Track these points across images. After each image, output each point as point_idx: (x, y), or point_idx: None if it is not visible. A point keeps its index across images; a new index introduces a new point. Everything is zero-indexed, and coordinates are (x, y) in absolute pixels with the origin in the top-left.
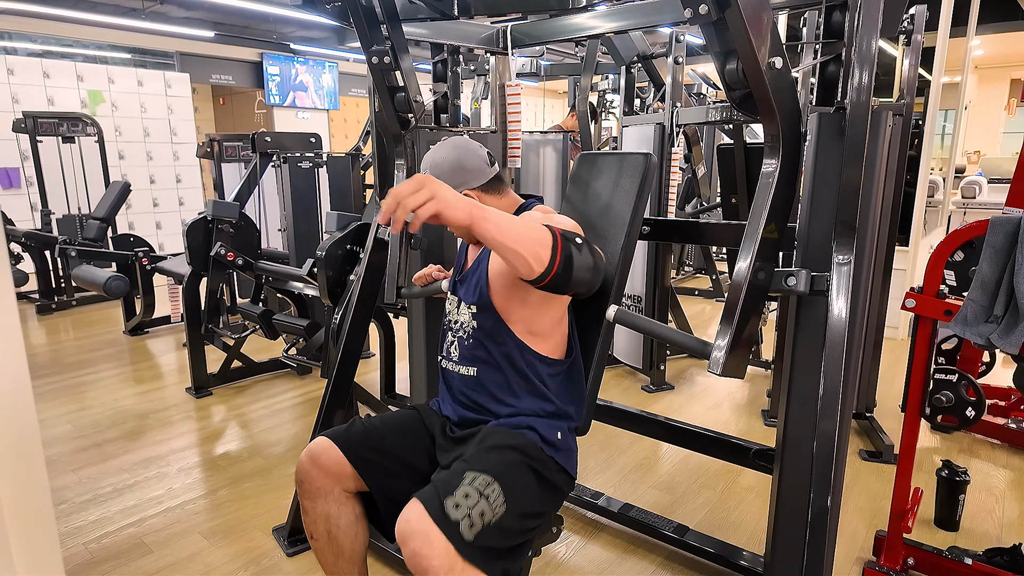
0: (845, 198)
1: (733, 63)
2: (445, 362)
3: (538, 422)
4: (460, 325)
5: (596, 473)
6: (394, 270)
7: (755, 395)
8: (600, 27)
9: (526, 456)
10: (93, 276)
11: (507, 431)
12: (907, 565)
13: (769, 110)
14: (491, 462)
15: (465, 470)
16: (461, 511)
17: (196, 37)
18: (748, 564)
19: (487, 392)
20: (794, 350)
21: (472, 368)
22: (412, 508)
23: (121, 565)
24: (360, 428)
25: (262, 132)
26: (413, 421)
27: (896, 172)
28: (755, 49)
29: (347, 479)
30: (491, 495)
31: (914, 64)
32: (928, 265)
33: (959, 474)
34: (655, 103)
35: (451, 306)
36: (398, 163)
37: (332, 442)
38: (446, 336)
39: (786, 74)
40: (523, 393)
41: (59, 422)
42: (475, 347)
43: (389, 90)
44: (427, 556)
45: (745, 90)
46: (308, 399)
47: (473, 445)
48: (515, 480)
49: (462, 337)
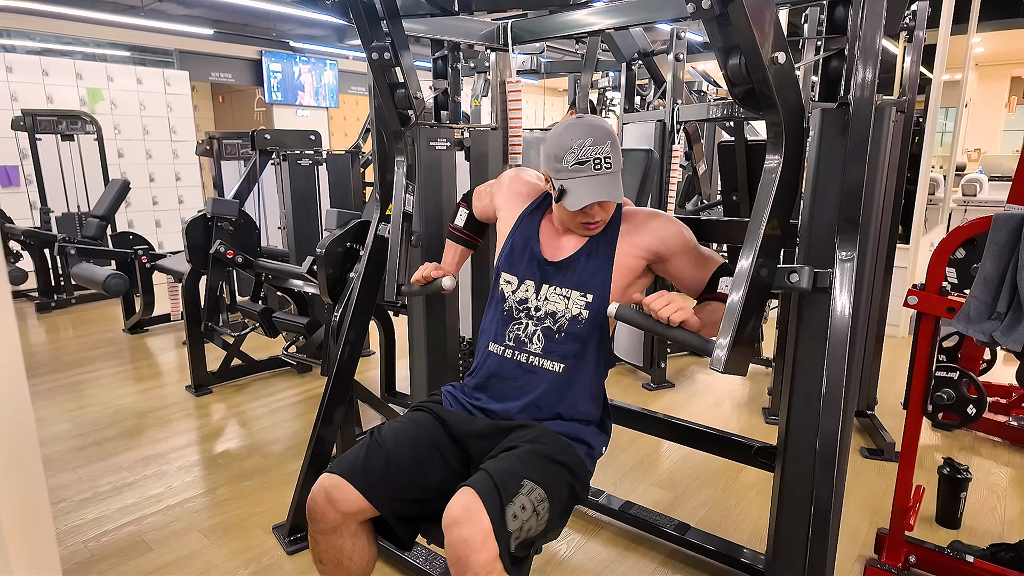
0: (848, 194)
1: (736, 59)
2: (514, 352)
3: (589, 432)
4: (550, 315)
5: (597, 471)
6: (394, 268)
7: (756, 393)
8: (600, 23)
9: (573, 476)
10: (92, 274)
11: (561, 440)
12: (909, 563)
13: (772, 105)
14: (545, 475)
15: (523, 475)
16: (517, 523)
17: (195, 35)
18: (749, 562)
19: (564, 392)
20: (796, 347)
21: (560, 364)
22: (470, 499)
23: (120, 563)
24: (379, 464)
25: (261, 130)
26: (430, 431)
27: (897, 169)
28: (758, 44)
29: (363, 513)
30: (541, 512)
31: (915, 61)
32: (930, 262)
33: (961, 471)
34: (656, 100)
35: (526, 291)
36: (398, 160)
37: (349, 483)
38: (516, 323)
39: (789, 69)
40: (590, 398)
41: (59, 420)
42: (568, 341)
43: (389, 87)
44: (477, 551)
45: (748, 86)
46: (308, 397)
47: (524, 441)
48: (558, 502)
49: (551, 328)
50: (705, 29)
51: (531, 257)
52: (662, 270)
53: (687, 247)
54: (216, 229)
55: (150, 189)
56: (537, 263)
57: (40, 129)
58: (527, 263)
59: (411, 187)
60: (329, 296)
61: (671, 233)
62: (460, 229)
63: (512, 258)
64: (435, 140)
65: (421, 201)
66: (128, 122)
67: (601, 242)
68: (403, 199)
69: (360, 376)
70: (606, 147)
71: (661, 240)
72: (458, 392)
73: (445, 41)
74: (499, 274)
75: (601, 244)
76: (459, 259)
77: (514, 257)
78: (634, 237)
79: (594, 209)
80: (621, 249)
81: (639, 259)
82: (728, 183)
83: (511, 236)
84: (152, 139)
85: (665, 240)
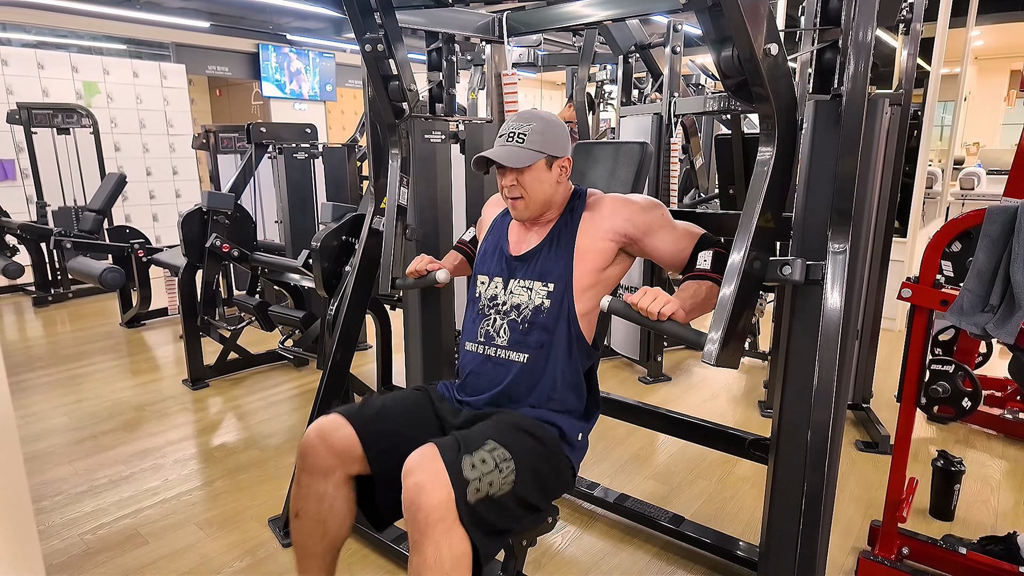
0: (841, 186)
1: (728, 50)
2: (483, 347)
3: (564, 420)
4: (515, 307)
5: (592, 463)
6: (388, 261)
7: (752, 386)
8: (597, 15)
9: (544, 447)
10: (88, 268)
11: (531, 420)
12: (902, 554)
13: (764, 97)
14: (512, 440)
15: (488, 436)
16: (475, 472)
17: (192, 28)
18: (743, 554)
19: (531, 382)
20: (789, 339)
21: (524, 354)
22: (428, 449)
23: (116, 556)
24: (374, 408)
25: (257, 123)
26: (423, 402)
27: (894, 163)
28: (751, 36)
29: (353, 461)
30: (504, 470)
31: (913, 54)
32: (924, 255)
33: (954, 464)
34: (653, 93)
35: (495, 288)
36: (392, 152)
37: (346, 420)
38: (486, 319)
39: (782, 61)
40: (565, 387)
41: (55, 414)
42: (533, 331)
43: (383, 79)
44: (429, 493)
45: (740, 78)
46: (304, 391)
47: (494, 419)
48: (528, 466)
49: (515, 320)
50: (698, 20)
51: (500, 255)
52: (639, 251)
53: (659, 224)
54: (212, 223)
55: (147, 183)
56: (505, 260)
57: (36, 123)
58: (496, 261)
59: (405, 180)
60: (324, 290)
61: (637, 212)
62: (465, 243)
63: (484, 259)
64: (430, 133)
65: (415, 194)
66: (124, 116)
67: (563, 231)
68: (397, 192)
69: (356, 370)
70: (527, 125)
71: (629, 221)
72: (450, 388)
73: (440, 33)
74: (475, 276)
75: (563, 233)
76: (458, 265)
77: (486, 258)
78: (599, 221)
79: (506, 179)
80: (584, 234)
81: (607, 241)
82: (725, 176)
83: (484, 240)
84: (149, 133)
85: (633, 221)
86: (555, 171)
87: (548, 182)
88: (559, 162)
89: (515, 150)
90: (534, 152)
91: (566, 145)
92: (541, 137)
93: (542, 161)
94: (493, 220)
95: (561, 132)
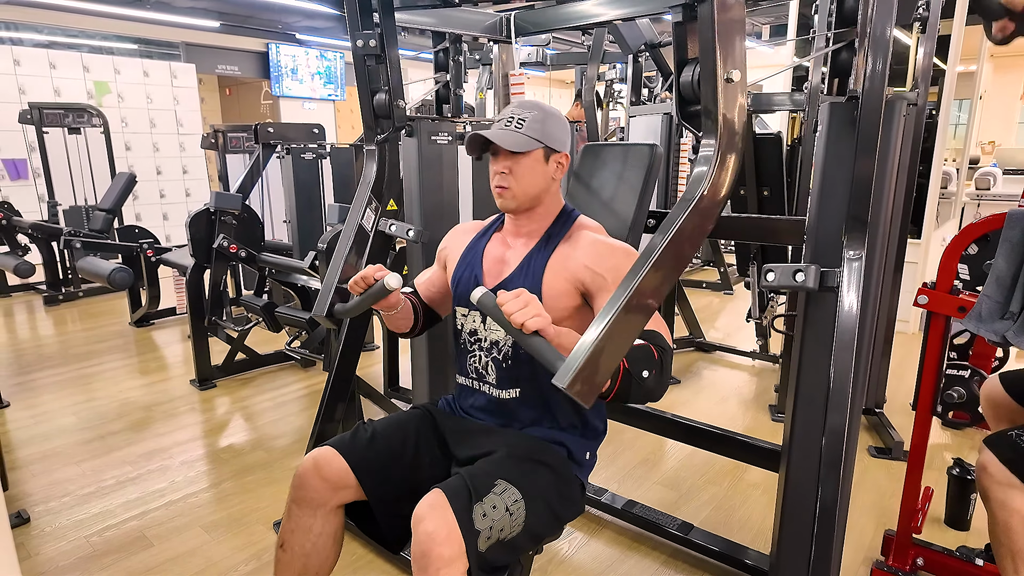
0: (857, 191)
1: (690, 72)
2: (476, 383)
3: (570, 439)
4: (494, 344)
5: (600, 469)
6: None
7: (762, 390)
8: (605, 14)
9: (555, 475)
10: (97, 268)
11: (538, 442)
12: (916, 565)
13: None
14: (522, 474)
15: (497, 476)
16: (486, 521)
17: (201, 27)
18: (753, 563)
19: (529, 412)
20: (802, 347)
21: (514, 390)
22: (437, 497)
23: (122, 559)
24: (364, 436)
25: (265, 123)
26: (419, 421)
27: (909, 163)
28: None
29: (346, 491)
30: (515, 511)
31: (929, 52)
32: (942, 259)
33: (971, 472)
34: (663, 93)
35: (474, 323)
36: (367, 167)
37: (337, 452)
38: (471, 355)
39: (741, 92)
40: (565, 410)
41: (65, 414)
42: (517, 366)
43: (371, 91)
44: (441, 545)
45: (697, 106)
46: (312, 392)
47: (502, 445)
48: (539, 499)
49: (497, 358)
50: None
51: (475, 285)
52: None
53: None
54: (219, 223)
55: (157, 182)
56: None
57: (47, 122)
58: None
59: (374, 203)
60: None
61: (607, 268)
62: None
63: (458, 290)
64: (436, 134)
65: (422, 196)
66: (135, 115)
67: (535, 258)
68: (361, 213)
69: (364, 371)
70: (527, 113)
71: (588, 270)
72: (454, 402)
73: (447, 33)
74: (454, 308)
75: (534, 260)
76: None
77: (460, 287)
78: (566, 258)
79: (498, 164)
80: (552, 265)
81: (567, 283)
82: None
83: (457, 268)
84: (159, 132)
85: (593, 270)
86: (551, 165)
87: (542, 175)
88: (556, 157)
89: (513, 134)
90: (532, 140)
91: (566, 140)
92: (541, 126)
93: (540, 151)
94: (465, 247)
95: (562, 126)
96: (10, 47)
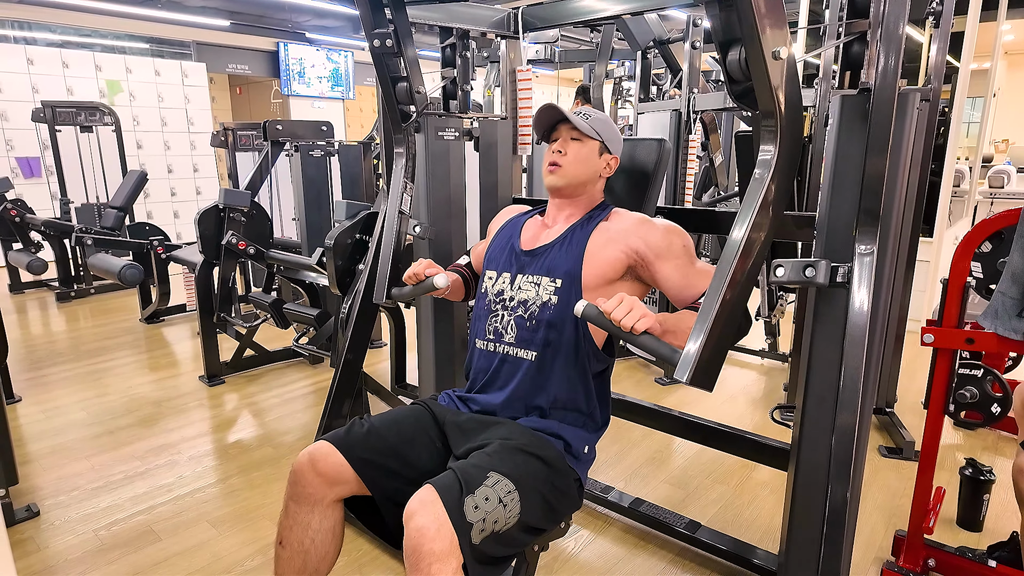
0: (869, 185)
1: (736, 53)
2: (494, 344)
3: (569, 430)
4: (522, 303)
5: (607, 467)
6: (386, 270)
7: (771, 388)
8: (613, 9)
9: (550, 468)
10: (108, 264)
11: (535, 436)
12: (927, 566)
13: (770, 102)
14: (515, 466)
15: (489, 468)
16: (478, 514)
17: (212, 26)
18: (761, 562)
19: (540, 381)
20: (812, 344)
21: (532, 352)
22: (427, 492)
23: (130, 553)
24: (360, 430)
25: (274, 121)
26: (417, 416)
27: (921, 160)
28: (760, 36)
29: (344, 485)
30: (509, 503)
31: (943, 48)
32: (954, 257)
33: (983, 473)
34: (672, 89)
35: (503, 283)
36: (398, 151)
37: (333, 446)
38: (493, 315)
39: (791, 64)
40: (573, 390)
41: (75, 409)
42: (540, 328)
43: (391, 80)
44: (432, 540)
45: (748, 84)
46: (320, 388)
47: (496, 438)
48: (534, 492)
49: (522, 316)
50: (708, 17)
51: (510, 251)
52: (649, 276)
53: (674, 253)
54: (228, 220)
55: (168, 180)
56: (515, 255)
57: (59, 121)
58: (506, 257)
59: (409, 187)
60: (338, 287)
61: (657, 236)
62: (460, 266)
63: (492, 255)
64: (443, 130)
65: (428, 192)
66: (146, 114)
67: (577, 231)
68: (399, 199)
69: (371, 368)
70: (592, 114)
71: (643, 240)
72: (453, 394)
73: (454, 28)
74: (483, 272)
75: (576, 233)
76: (453, 282)
77: (495, 254)
78: (613, 231)
79: (558, 142)
80: (596, 238)
81: (618, 252)
82: (745, 174)
83: (494, 240)
84: (170, 131)
85: (648, 241)
86: (602, 161)
87: (593, 166)
88: (609, 157)
89: (581, 120)
90: (595, 131)
91: (620, 148)
92: (604, 126)
93: (597, 144)
94: (506, 221)
95: (619, 136)
96: (24, 46)
